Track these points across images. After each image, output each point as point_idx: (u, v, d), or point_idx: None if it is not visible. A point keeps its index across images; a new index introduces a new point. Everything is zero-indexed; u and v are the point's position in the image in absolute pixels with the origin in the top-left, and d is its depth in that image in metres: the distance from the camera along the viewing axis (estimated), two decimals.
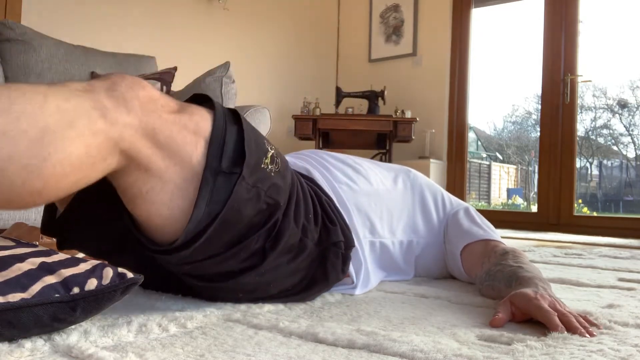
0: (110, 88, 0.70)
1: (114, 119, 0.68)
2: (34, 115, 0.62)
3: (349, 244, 1.02)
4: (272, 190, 0.83)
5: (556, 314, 0.80)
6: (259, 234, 0.83)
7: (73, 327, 0.72)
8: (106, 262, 0.76)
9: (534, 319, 0.83)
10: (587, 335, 0.76)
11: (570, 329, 0.77)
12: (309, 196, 0.99)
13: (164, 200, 0.74)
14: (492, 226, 1.26)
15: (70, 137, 0.64)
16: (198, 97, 0.86)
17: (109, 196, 0.82)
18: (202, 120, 0.77)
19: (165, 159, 0.73)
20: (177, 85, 2.84)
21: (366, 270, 1.11)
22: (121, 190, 0.77)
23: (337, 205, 1.08)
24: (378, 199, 1.20)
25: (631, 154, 4.33)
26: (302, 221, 0.92)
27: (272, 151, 0.85)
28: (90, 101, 0.67)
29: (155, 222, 0.77)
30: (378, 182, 1.24)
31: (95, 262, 0.75)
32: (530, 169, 4.90)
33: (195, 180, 0.75)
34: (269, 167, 0.83)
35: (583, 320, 0.81)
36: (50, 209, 0.92)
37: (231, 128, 0.79)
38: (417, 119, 3.69)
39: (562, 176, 3.70)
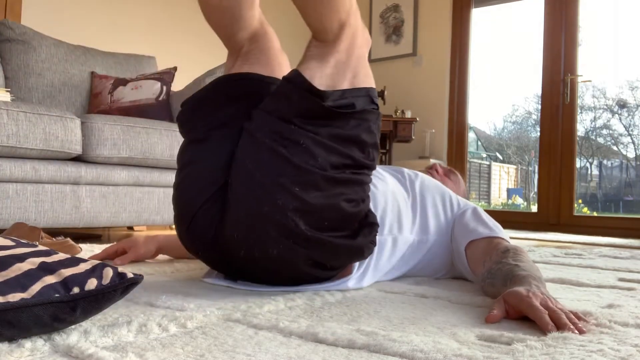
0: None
1: (360, 21, 1.04)
2: None
3: (376, 234, 1.09)
4: (375, 151, 1.05)
5: (547, 311, 0.81)
6: (351, 160, 0.99)
7: (73, 327, 0.72)
8: (106, 262, 0.76)
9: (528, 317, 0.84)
10: (577, 331, 0.77)
11: (560, 326, 0.78)
12: (368, 190, 1.10)
13: (329, 65, 0.99)
14: (499, 225, 1.27)
15: None
16: None
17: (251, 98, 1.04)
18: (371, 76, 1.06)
19: (349, 54, 1.01)
20: (177, 85, 2.84)
21: (367, 267, 1.13)
22: (308, 54, 1.01)
23: None
24: (392, 199, 1.22)
25: (631, 154, 4.33)
26: (364, 194, 1.05)
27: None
28: None
29: (314, 70, 0.98)
30: (392, 183, 1.27)
31: (95, 262, 0.75)
32: (530, 169, 4.90)
33: (350, 82, 1.01)
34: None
35: (573, 317, 0.82)
36: None
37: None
38: (417, 119, 3.69)
39: (562, 176, 3.70)
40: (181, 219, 1.05)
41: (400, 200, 1.25)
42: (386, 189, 1.23)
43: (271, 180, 0.93)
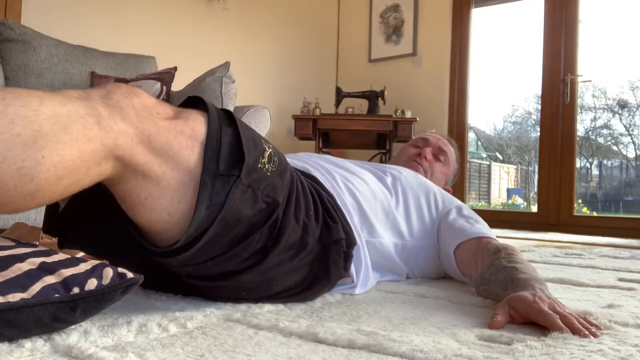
0: (105, 96, 0.70)
1: (109, 126, 0.68)
2: (28, 118, 0.62)
3: (350, 241, 1.02)
4: (269, 189, 0.84)
5: (557, 316, 0.80)
6: (260, 233, 0.84)
7: (73, 327, 0.72)
8: (106, 262, 0.76)
9: (534, 322, 0.83)
10: (591, 336, 0.76)
11: (574, 331, 0.77)
12: (309, 193, 0.99)
13: (164, 205, 0.75)
14: (484, 223, 1.26)
15: (64, 141, 0.64)
16: (192, 100, 0.86)
17: (110, 196, 0.82)
18: (197, 124, 0.77)
19: (162, 165, 0.73)
20: (177, 85, 2.84)
21: (366, 270, 1.11)
22: (120, 198, 0.77)
23: (339, 203, 1.08)
24: (375, 200, 1.20)
25: (631, 154, 4.33)
26: (303, 218, 0.93)
27: (270, 150, 0.86)
28: (86, 108, 0.67)
29: (156, 226, 0.77)
30: (373, 184, 1.24)
31: (95, 262, 0.75)
32: (530, 169, 4.90)
33: (194, 184, 0.75)
34: (266, 166, 0.83)
35: (584, 322, 0.81)
36: (52, 207, 0.92)
37: (226, 130, 0.79)
38: (417, 119, 3.69)
39: (562, 176, 3.70)
40: None
41: (383, 202, 1.22)
42: (367, 191, 1.20)
43: (235, 300, 0.94)
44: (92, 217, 0.89)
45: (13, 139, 0.61)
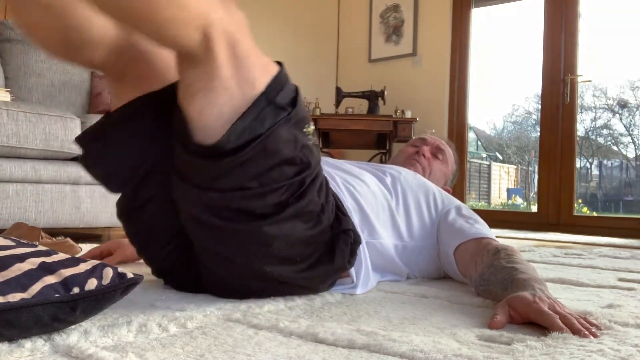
0: None
1: (227, 5, 0.78)
2: None
3: (356, 238, 1.04)
4: (307, 150, 0.90)
5: (557, 316, 0.80)
6: (288, 183, 0.88)
7: (73, 327, 0.72)
8: (106, 263, 0.76)
9: (533, 322, 0.83)
10: (591, 336, 0.76)
11: (574, 331, 0.77)
12: (329, 186, 1.03)
13: (220, 102, 0.81)
14: (484, 223, 1.26)
15: None
16: None
17: (153, 126, 0.92)
18: (272, 64, 0.87)
19: (235, 69, 0.80)
20: None
21: (366, 270, 1.11)
22: (185, 85, 0.83)
23: (344, 203, 1.09)
24: (375, 201, 1.20)
25: (631, 154, 4.33)
26: (322, 200, 0.96)
27: (312, 127, 0.93)
28: None
29: (205, 119, 0.81)
30: (374, 185, 1.24)
31: (95, 262, 0.75)
32: (530, 169, 4.90)
33: (249, 100, 0.82)
34: (309, 135, 0.91)
35: (584, 322, 0.81)
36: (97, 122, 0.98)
37: (292, 85, 0.89)
38: (417, 119, 3.69)
39: (562, 176, 3.70)
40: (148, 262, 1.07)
41: (383, 203, 1.23)
42: (367, 192, 1.20)
43: (241, 258, 0.92)
44: (126, 137, 0.95)
45: None
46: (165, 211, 0.96)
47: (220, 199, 0.86)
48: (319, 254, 0.98)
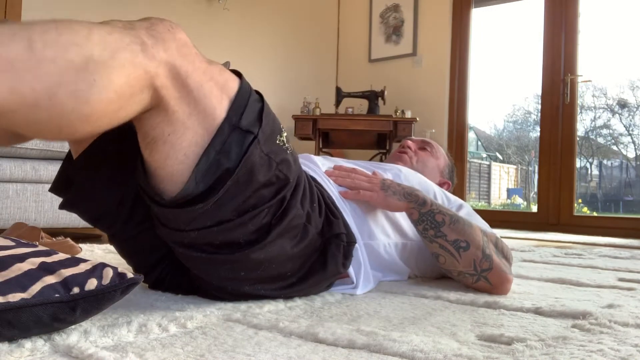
0: (149, 27, 0.74)
1: (152, 54, 0.71)
2: (79, 45, 0.65)
3: (350, 239, 1.04)
4: (284, 165, 0.87)
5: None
6: (268, 206, 0.85)
7: (73, 327, 0.72)
8: (106, 262, 0.76)
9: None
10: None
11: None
12: (314, 188, 1.01)
13: (183, 145, 0.77)
14: (484, 223, 1.26)
15: (112, 66, 0.67)
16: None
17: (122, 159, 0.88)
18: (230, 79, 0.81)
19: (191, 105, 0.76)
20: None
21: (366, 271, 1.11)
22: (143, 132, 0.79)
23: (337, 205, 1.09)
24: None
25: (631, 154, 4.33)
26: (307, 208, 0.95)
27: (286, 134, 0.90)
28: (131, 37, 0.70)
29: (170, 166, 0.79)
30: None
31: (95, 262, 0.75)
32: (530, 169, 4.90)
33: (212, 132, 0.78)
34: (285, 145, 0.87)
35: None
36: (64, 167, 0.97)
37: (255, 96, 0.84)
38: (417, 119, 3.69)
39: (562, 176, 3.70)
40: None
41: None
42: None
43: (232, 284, 0.93)
44: (103, 175, 0.93)
45: (67, 65, 0.64)
46: (155, 237, 0.95)
47: (201, 237, 0.85)
48: (311, 263, 0.98)
